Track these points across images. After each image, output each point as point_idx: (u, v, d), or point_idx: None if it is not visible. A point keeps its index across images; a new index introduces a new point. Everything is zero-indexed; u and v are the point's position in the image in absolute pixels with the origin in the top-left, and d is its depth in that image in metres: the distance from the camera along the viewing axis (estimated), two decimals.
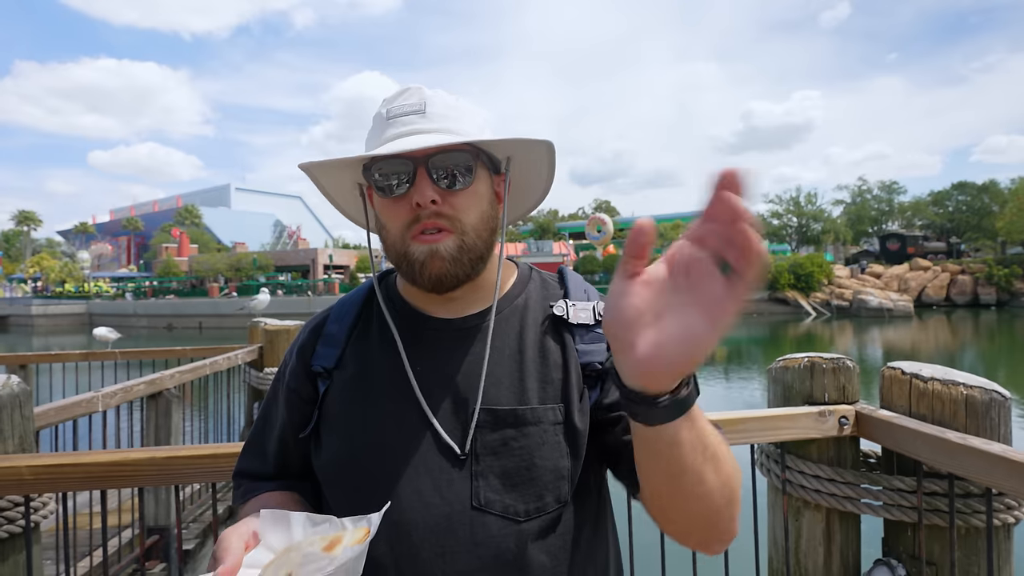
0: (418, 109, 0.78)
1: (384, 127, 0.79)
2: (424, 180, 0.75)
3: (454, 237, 0.77)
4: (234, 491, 0.91)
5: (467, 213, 0.78)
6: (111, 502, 2.56)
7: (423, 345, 0.81)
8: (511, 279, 0.88)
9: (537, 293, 0.87)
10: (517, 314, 0.84)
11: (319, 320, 0.90)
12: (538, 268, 0.93)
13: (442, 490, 0.74)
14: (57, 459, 1.21)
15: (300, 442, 0.84)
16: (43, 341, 28.87)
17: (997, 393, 1.24)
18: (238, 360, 4.08)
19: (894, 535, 1.36)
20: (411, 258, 0.77)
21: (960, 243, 43.93)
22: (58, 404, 2.01)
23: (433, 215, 0.76)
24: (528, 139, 0.79)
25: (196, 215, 66.70)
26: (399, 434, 0.77)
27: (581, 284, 0.89)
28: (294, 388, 0.85)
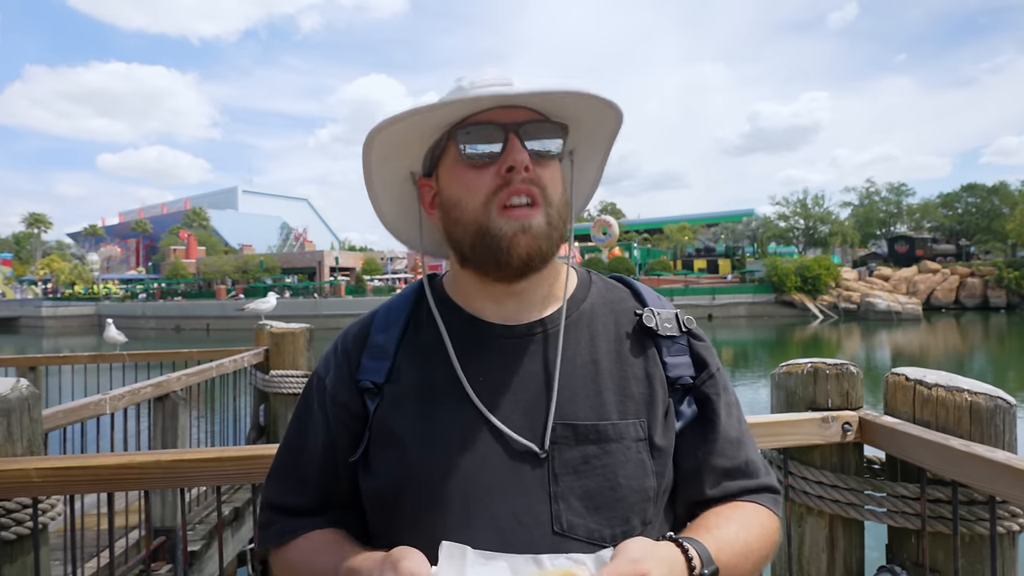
0: (505, 81, 0.72)
1: (465, 95, 0.70)
2: (517, 144, 0.70)
3: (542, 212, 0.71)
4: (264, 529, 0.79)
5: (553, 189, 0.73)
6: (118, 504, 2.59)
7: (484, 354, 0.74)
8: (572, 283, 0.82)
9: (603, 297, 0.81)
10: (585, 320, 0.77)
11: (360, 329, 0.81)
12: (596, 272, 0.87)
13: (520, 515, 0.67)
14: (65, 462, 1.23)
15: (348, 466, 0.76)
16: (53, 343, 29.15)
17: (1002, 400, 1.23)
18: (244, 363, 4.10)
19: (898, 542, 1.35)
20: (496, 233, 0.70)
21: (970, 245, 43.53)
22: (66, 407, 2.04)
23: (527, 180, 0.70)
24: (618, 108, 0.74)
25: (204, 218, 67.19)
26: (466, 453, 0.69)
27: (653, 292, 0.84)
28: (343, 403, 0.76)
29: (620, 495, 0.69)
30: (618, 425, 0.71)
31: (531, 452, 0.69)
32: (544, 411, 0.70)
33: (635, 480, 0.70)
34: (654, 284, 33.99)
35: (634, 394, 0.73)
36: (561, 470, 0.69)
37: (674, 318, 0.79)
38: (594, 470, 0.69)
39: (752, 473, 0.79)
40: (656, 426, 0.73)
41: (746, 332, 26.80)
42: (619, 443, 0.70)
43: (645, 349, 0.77)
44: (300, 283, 41.81)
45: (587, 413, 0.71)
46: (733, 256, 42.90)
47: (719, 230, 49.65)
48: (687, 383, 0.77)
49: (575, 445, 0.70)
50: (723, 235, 48.59)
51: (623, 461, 0.70)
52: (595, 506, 0.68)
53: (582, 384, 0.73)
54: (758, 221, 46.34)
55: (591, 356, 0.74)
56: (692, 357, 0.78)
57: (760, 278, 34.52)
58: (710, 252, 45.46)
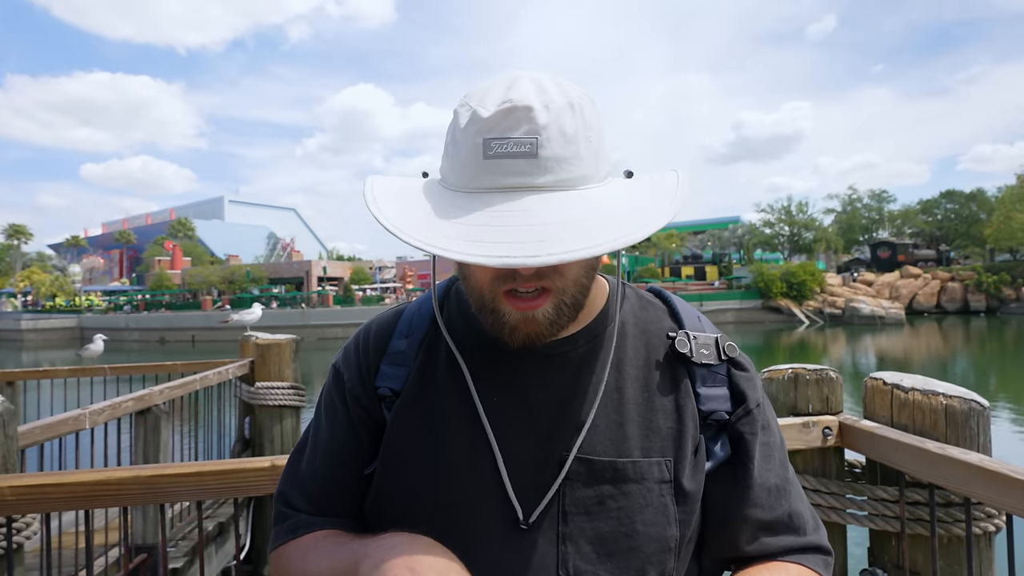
0: (528, 150, 0.56)
1: (480, 166, 0.58)
2: None
3: (552, 299, 0.62)
4: (276, 524, 0.74)
5: (571, 269, 0.62)
6: (97, 521, 2.53)
7: (498, 373, 0.68)
8: (601, 297, 0.72)
9: (635, 315, 0.72)
10: (613, 341, 0.69)
11: (383, 332, 0.75)
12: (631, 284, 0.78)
13: (523, 552, 0.61)
14: (39, 479, 1.20)
15: (360, 477, 0.71)
16: (32, 356, 28.58)
17: (976, 403, 1.26)
18: (229, 375, 4.05)
19: (879, 545, 1.37)
20: (501, 318, 0.63)
21: (949, 251, 44.45)
22: (44, 422, 2.00)
23: (532, 278, 0.60)
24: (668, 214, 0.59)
25: (189, 228, 66.56)
26: (471, 479, 0.64)
27: (692, 311, 0.74)
28: (366, 406, 0.71)
29: (636, 543, 0.62)
30: (640, 464, 0.64)
31: (536, 488, 0.63)
32: (561, 443, 0.64)
33: (655, 527, 0.63)
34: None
35: (661, 429, 0.66)
36: (572, 509, 0.62)
37: (713, 343, 0.70)
38: (609, 512, 0.62)
39: (797, 528, 0.70)
40: (684, 467, 0.65)
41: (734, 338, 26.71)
42: (639, 484, 0.63)
43: (677, 378, 0.68)
44: (288, 293, 41.50)
45: (606, 447, 0.64)
46: (720, 263, 43.35)
47: (706, 237, 50.18)
48: (722, 419, 0.68)
49: (590, 483, 0.63)
50: (710, 242, 49.12)
51: (643, 505, 0.63)
52: (607, 552, 0.62)
53: (603, 414, 0.65)
54: (744, 228, 46.94)
55: (616, 383, 0.67)
56: (731, 389, 0.69)
57: (747, 284, 34.90)
58: (697, 259, 45.90)
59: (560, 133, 0.58)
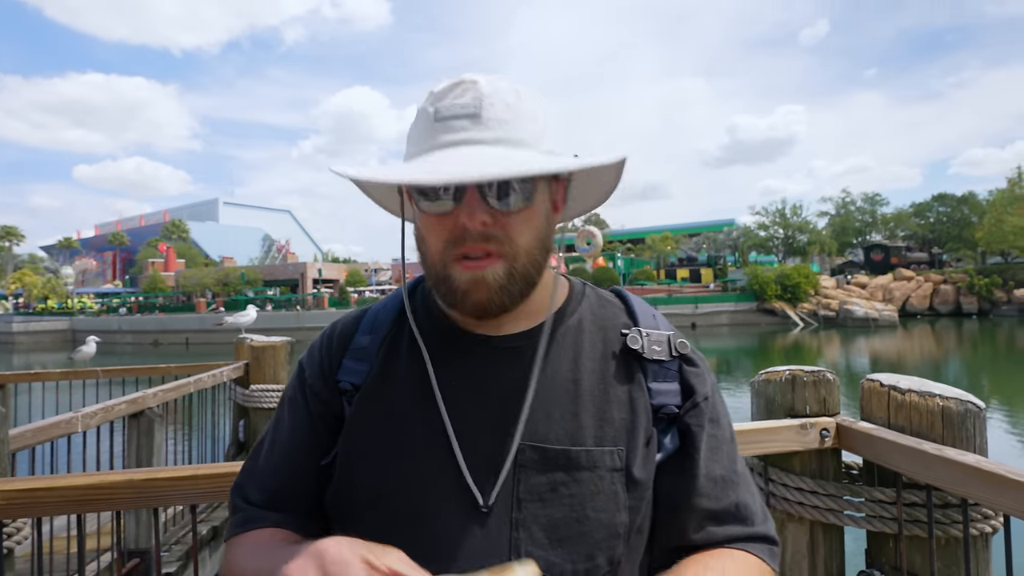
0: (472, 112, 0.64)
1: (432, 130, 0.65)
2: (474, 199, 0.63)
3: (503, 263, 0.65)
4: (233, 514, 0.76)
5: (521, 236, 0.65)
6: (89, 525, 2.51)
7: (459, 365, 0.70)
8: (562, 295, 0.77)
9: (593, 313, 0.76)
10: (571, 336, 0.72)
11: (347, 329, 0.78)
12: (592, 285, 0.81)
13: (476, 538, 0.63)
14: (31, 483, 1.19)
15: (318, 469, 0.73)
16: (24, 359, 28.33)
17: (972, 404, 1.26)
18: (223, 377, 4.03)
19: (877, 546, 1.37)
20: (452, 283, 0.66)
21: (942, 253, 44.73)
22: (35, 425, 1.98)
23: (480, 238, 0.64)
24: (603, 164, 0.66)
25: (183, 230, 66.22)
26: (427, 469, 0.66)
27: (648, 309, 0.77)
28: (324, 399, 0.74)
29: (586, 528, 0.64)
30: (592, 452, 0.66)
31: (490, 475, 0.65)
32: (514, 432, 0.66)
33: (604, 514, 0.65)
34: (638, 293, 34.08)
35: (614, 419, 0.68)
36: (526, 496, 0.64)
37: (666, 340, 0.73)
38: (561, 499, 0.64)
39: (744, 518, 0.72)
40: (635, 456, 0.67)
41: (729, 340, 27.08)
42: (592, 472, 0.65)
43: (631, 372, 0.71)
44: (282, 295, 41.32)
45: (560, 436, 0.66)
46: (715, 265, 43.43)
47: (701, 240, 50.35)
48: (672, 412, 0.71)
49: (543, 471, 0.65)
50: (705, 245, 49.28)
51: (594, 492, 0.65)
52: (558, 538, 0.64)
53: (559, 404, 0.68)
54: (739, 231, 47.14)
55: (572, 375, 0.70)
56: (681, 384, 0.73)
57: (742, 287, 34.99)
58: (692, 261, 45.97)
59: (503, 102, 0.65)
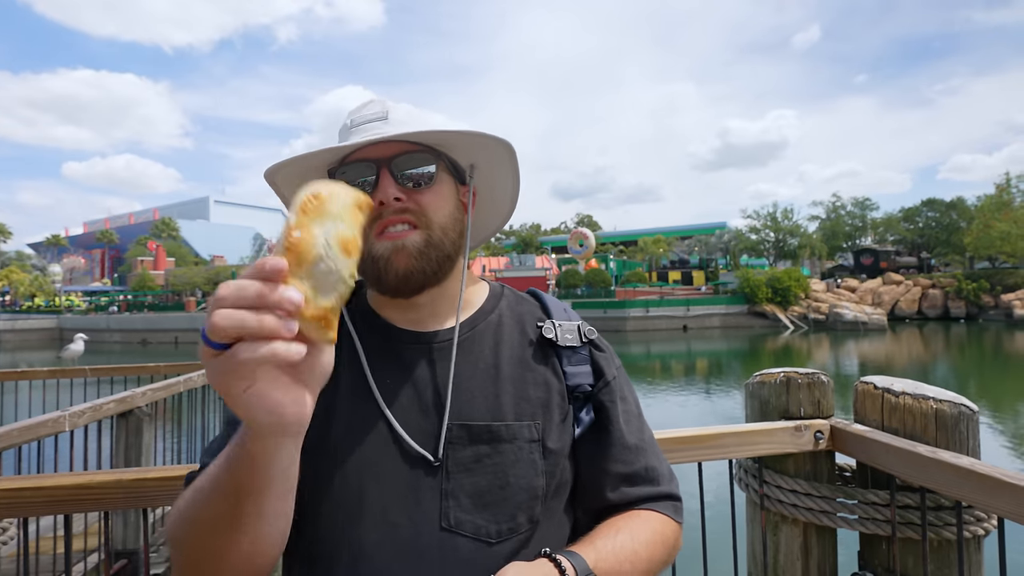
0: (380, 116, 0.77)
1: (347, 135, 0.78)
2: (387, 179, 0.74)
3: (420, 232, 0.75)
4: None
5: (434, 210, 0.76)
6: (77, 525, 2.47)
7: (392, 359, 0.78)
8: (483, 294, 0.87)
9: (511, 309, 0.86)
10: (491, 329, 0.82)
11: None
12: (508, 285, 0.92)
13: (410, 510, 0.70)
14: (16, 483, 1.17)
15: None
16: (10, 357, 27.94)
17: (966, 407, 1.27)
18: None
19: (870, 548, 1.37)
20: (375, 255, 0.74)
21: (930, 258, 45.23)
22: (22, 424, 1.94)
23: (397, 211, 0.74)
24: (485, 135, 0.76)
25: (173, 228, 65.68)
26: (364, 450, 0.73)
27: (560, 304, 0.88)
28: None
29: (508, 493, 0.72)
30: (512, 426, 0.74)
31: (427, 450, 0.72)
32: (442, 413, 0.74)
33: (524, 479, 0.73)
34: (630, 296, 34.30)
35: (531, 397, 0.77)
36: (453, 468, 0.72)
37: (576, 329, 0.83)
38: (485, 468, 0.72)
39: (653, 479, 0.83)
40: (551, 429, 0.76)
41: (720, 343, 27.22)
42: (511, 443, 0.73)
43: (547, 358, 0.81)
44: None
45: (483, 414, 0.74)
46: (707, 268, 43.67)
47: (693, 242, 50.61)
48: (586, 391, 0.81)
49: (469, 444, 0.73)
50: (697, 247, 49.54)
51: (514, 461, 0.73)
52: (484, 503, 0.71)
53: (481, 387, 0.76)
54: (730, 234, 47.42)
55: (494, 361, 0.78)
56: (592, 366, 0.83)
57: (733, 290, 35.18)
58: (684, 264, 46.21)
59: (406, 109, 0.79)
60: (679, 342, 26.64)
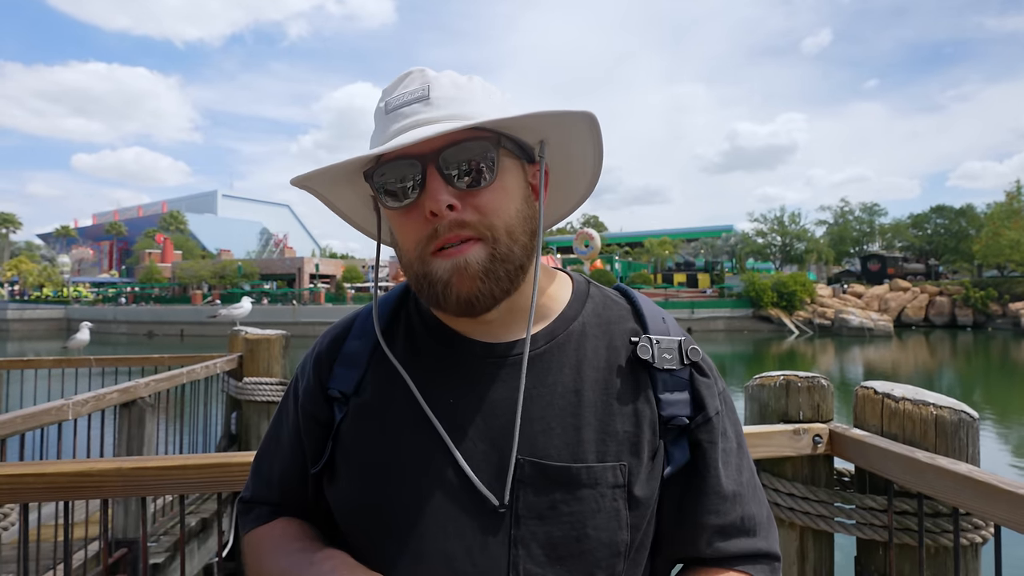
0: (421, 95, 0.63)
1: (385, 123, 0.65)
2: (436, 182, 0.60)
3: (483, 246, 0.62)
4: (242, 518, 0.78)
5: (497, 214, 0.62)
6: (77, 514, 2.49)
7: (457, 373, 0.67)
8: (564, 296, 0.72)
9: (598, 315, 0.71)
10: (574, 342, 0.68)
11: (338, 333, 0.76)
12: (596, 283, 0.77)
13: (474, 555, 0.61)
14: (18, 468, 1.18)
15: (313, 476, 0.72)
16: (18, 347, 28.18)
17: (966, 414, 1.26)
18: (217, 369, 4.01)
19: (866, 553, 1.37)
20: (433, 278, 0.62)
21: (938, 265, 44.87)
22: (25, 412, 1.96)
23: (454, 225, 0.61)
24: (560, 112, 0.61)
25: (181, 221, 66.04)
26: (424, 482, 0.64)
27: (658, 312, 0.73)
28: (310, 411, 0.73)
29: (586, 547, 0.62)
30: (594, 469, 0.63)
31: (493, 489, 0.62)
32: (514, 443, 0.63)
33: (605, 533, 0.62)
34: None
35: (618, 433, 0.65)
36: (525, 513, 0.62)
37: (676, 347, 0.69)
38: (561, 517, 0.62)
39: (750, 531, 0.70)
40: (638, 473, 0.64)
41: (724, 346, 27.11)
42: (593, 489, 0.63)
43: (638, 381, 0.67)
44: (279, 290, 41.18)
45: (560, 452, 0.63)
46: (712, 271, 43.49)
47: (699, 245, 50.41)
48: (682, 423, 0.68)
49: (543, 487, 0.62)
50: (703, 250, 49.34)
51: (595, 510, 0.62)
52: (558, 556, 0.61)
53: (559, 417, 0.64)
54: (737, 237, 47.20)
55: (575, 385, 0.66)
56: (692, 394, 0.69)
57: (738, 293, 35.04)
58: (690, 267, 46.03)
59: (452, 82, 0.65)
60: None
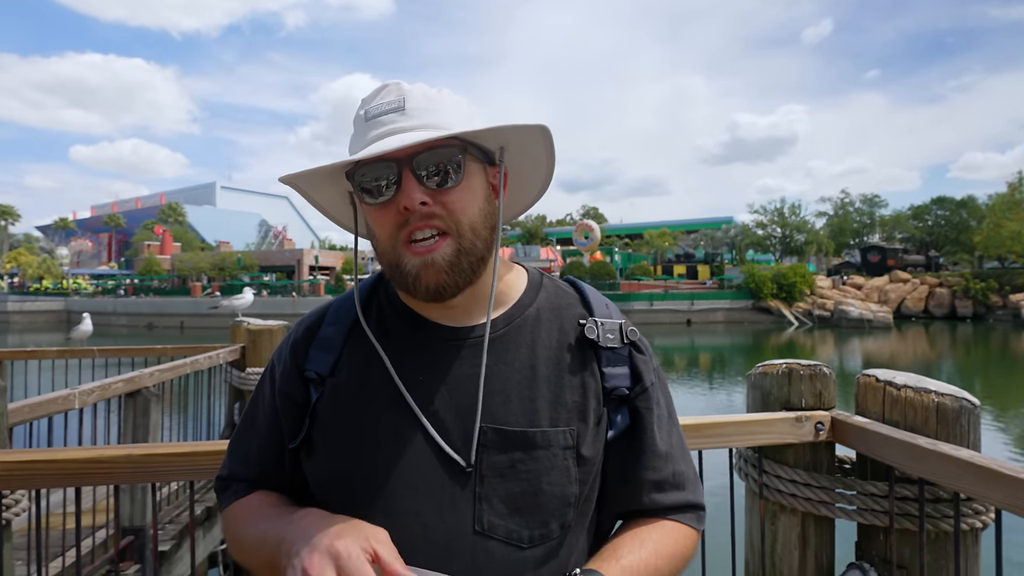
0: (397, 106, 0.72)
1: (364, 129, 0.74)
2: (410, 181, 0.69)
3: (450, 241, 0.71)
4: (220, 495, 0.85)
5: (462, 212, 0.72)
6: (86, 502, 2.51)
7: (426, 355, 0.76)
8: (521, 285, 0.83)
9: (550, 302, 0.81)
10: (528, 326, 0.78)
11: (312, 321, 0.84)
12: (548, 273, 0.87)
13: (443, 512, 0.70)
14: (30, 455, 1.19)
15: (290, 452, 0.79)
16: (19, 339, 28.21)
17: (967, 401, 1.27)
18: (219, 360, 4.03)
19: (867, 539, 1.38)
20: (404, 269, 0.72)
21: (939, 256, 44.82)
22: (33, 401, 1.98)
23: (424, 217, 0.70)
24: (518, 125, 0.71)
25: (180, 213, 65.84)
26: (397, 449, 0.72)
27: (602, 299, 0.84)
28: (287, 392, 0.80)
29: (541, 500, 0.71)
30: (547, 432, 0.72)
31: (461, 453, 0.71)
32: (476, 414, 0.72)
33: (558, 487, 0.72)
34: (634, 289, 34.23)
35: (567, 402, 0.75)
36: (488, 472, 0.71)
37: (618, 329, 0.80)
38: (519, 475, 0.71)
39: (680, 485, 0.81)
40: (585, 436, 0.74)
41: (724, 337, 27.18)
42: (547, 450, 0.72)
43: (585, 358, 0.78)
44: (278, 281, 41.16)
45: (518, 419, 0.73)
46: (712, 262, 43.46)
47: (699, 236, 50.38)
48: (623, 393, 0.78)
49: (503, 450, 0.71)
50: (703, 242, 49.31)
51: (548, 468, 0.72)
52: (517, 508, 0.70)
53: (517, 389, 0.74)
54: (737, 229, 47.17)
55: (530, 362, 0.76)
56: (631, 369, 0.80)
57: (738, 285, 35.05)
58: (690, 258, 45.98)
59: (423, 94, 0.73)
60: (683, 336, 26.56)
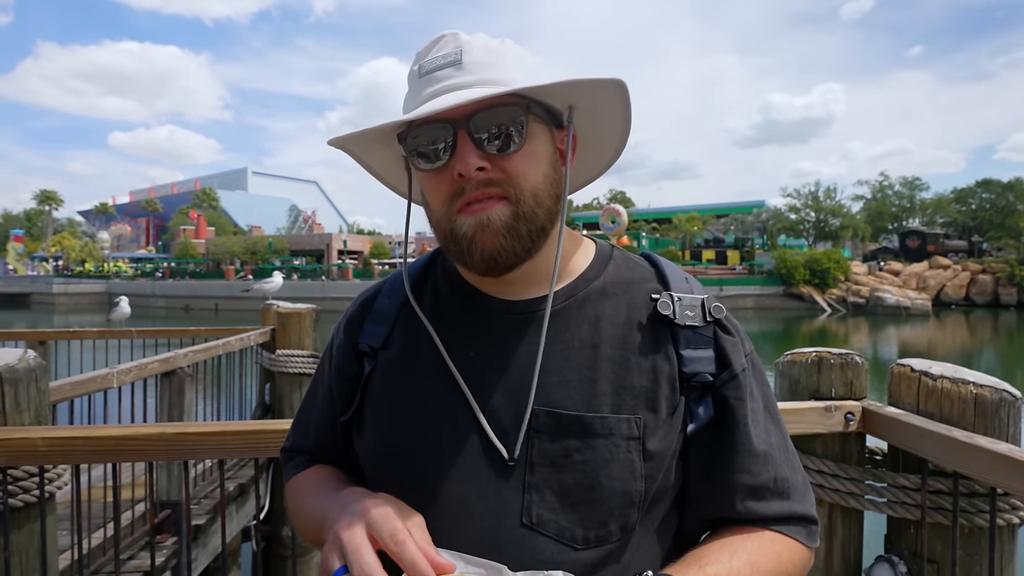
0: (453, 60, 0.65)
1: (418, 86, 0.66)
2: (467, 145, 0.63)
3: (507, 204, 0.64)
4: (284, 466, 0.85)
5: (524, 177, 0.64)
6: (124, 478, 2.63)
7: (478, 329, 0.70)
8: (587, 257, 0.75)
9: (619, 276, 0.73)
10: (593, 300, 0.70)
11: (370, 294, 0.81)
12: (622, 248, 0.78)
13: (489, 500, 0.63)
14: (70, 432, 1.24)
15: (342, 424, 0.77)
16: (63, 319, 29.52)
17: (1008, 393, 1.22)
18: (251, 341, 4.13)
19: (897, 532, 1.35)
20: (458, 234, 0.65)
21: (982, 242, 42.93)
22: (74, 379, 2.06)
23: (481, 184, 0.63)
24: (590, 79, 0.63)
25: (213, 198, 67.50)
26: (445, 429, 0.67)
27: (681, 274, 0.74)
28: (340, 366, 0.78)
29: (599, 496, 0.63)
30: (608, 419, 0.64)
31: (508, 438, 0.65)
32: (530, 395, 0.65)
33: (619, 482, 0.63)
34: None
35: (634, 387, 0.66)
36: (539, 460, 0.64)
37: (699, 305, 0.69)
38: (574, 465, 0.63)
39: (784, 493, 0.69)
40: (654, 427, 0.65)
41: (753, 324, 26.68)
42: (606, 439, 0.64)
43: (658, 338, 0.68)
44: (308, 265, 41.95)
45: (575, 403, 0.65)
46: (742, 248, 42.54)
47: (729, 221, 49.28)
48: (706, 380, 0.68)
49: (557, 436, 0.64)
50: (733, 226, 48.23)
51: (608, 459, 0.63)
52: (570, 503, 0.63)
53: (576, 370, 0.66)
54: (768, 213, 45.95)
55: (592, 340, 0.68)
56: (716, 351, 0.69)
57: (768, 270, 34.28)
58: (719, 243, 45.08)
59: (484, 46, 0.66)
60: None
